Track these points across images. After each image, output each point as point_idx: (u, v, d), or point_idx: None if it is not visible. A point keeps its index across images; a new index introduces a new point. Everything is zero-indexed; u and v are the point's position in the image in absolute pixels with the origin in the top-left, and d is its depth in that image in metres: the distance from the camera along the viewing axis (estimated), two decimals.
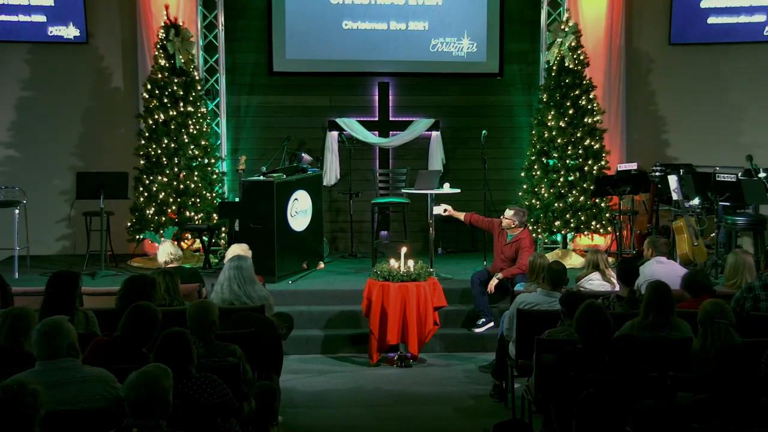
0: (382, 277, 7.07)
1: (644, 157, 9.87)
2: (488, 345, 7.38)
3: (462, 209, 8.50)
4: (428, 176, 8.70)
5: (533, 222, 9.45)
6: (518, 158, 10.17)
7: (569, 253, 9.46)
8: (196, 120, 9.39)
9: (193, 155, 9.37)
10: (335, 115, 10.20)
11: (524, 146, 10.04)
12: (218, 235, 9.45)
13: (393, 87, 10.29)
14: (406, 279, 7.02)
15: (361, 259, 9.64)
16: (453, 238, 10.30)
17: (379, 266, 7.21)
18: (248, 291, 5.85)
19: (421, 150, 10.40)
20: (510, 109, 10.31)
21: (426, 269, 7.18)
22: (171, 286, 5.71)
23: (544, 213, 9.43)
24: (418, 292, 7.02)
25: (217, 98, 10.17)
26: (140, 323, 4.28)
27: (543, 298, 5.79)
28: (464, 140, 10.24)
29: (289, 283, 8.32)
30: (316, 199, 9.06)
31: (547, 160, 9.48)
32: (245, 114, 10.22)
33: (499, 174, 10.17)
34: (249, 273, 5.93)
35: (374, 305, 7.02)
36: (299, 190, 8.71)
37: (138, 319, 4.28)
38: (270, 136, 10.16)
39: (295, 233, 8.63)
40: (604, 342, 4.35)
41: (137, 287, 5.08)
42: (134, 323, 4.28)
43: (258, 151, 10.10)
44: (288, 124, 10.18)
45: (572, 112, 9.39)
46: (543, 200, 9.45)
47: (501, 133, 10.27)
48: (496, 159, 9.96)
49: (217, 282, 5.94)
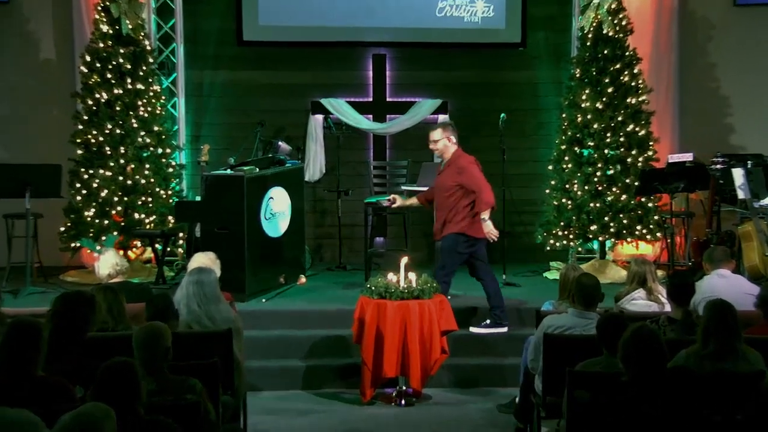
0: (378, 293, 7.04)
1: (702, 146, 9.86)
2: (509, 378, 7.37)
3: None
4: (433, 169, 8.65)
5: (563, 226, 9.44)
6: (545, 148, 10.18)
7: (608, 264, 9.47)
8: (147, 100, 9.38)
9: (144, 144, 9.36)
10: (320, 95, 10.21)
11: (552, 133, 10.04)
12: (174, 242, 9.46)
13: (391, 60, 10.30)
14: (407, 296, 7.00)
15: (351, 272, 9.63)
16: None
17: (373, 280, 7.18)
18: (211, 311, 5.82)
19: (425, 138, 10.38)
20: (534, 88, 10.32)
21: (431, 284, 7.14)
22: (114, 306, 5.67)
23: (577, 215, 9.42)
24: (422, 313, 6.99)
25: (174, 73, 10.14)
26: (23, 340, 4.24)
27: (576, 320, 5.76)
28: (478, 126, 10.24)
29: (263, 301, 8.31)
30: (297, 197, 9.06)
31: (581, 150, 9.49)
32: (209, 93, 10.22)
33: (522, 167, 10.18)
34: (212, 289, 5.89)
35: (368, 329, 6.99)
36: (276, 186, 8.70)
37: (20, 336, 4.24)
38: (239, 120, 10.16)
39: (270, 240, 8.62)
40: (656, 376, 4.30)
41: (71, 307, 5.03)
42: (16, 341, 4.23)
43: (224, 139, 10.10)
44: (261, 105, 10.18)
45: (611, 91, 9.39)
46: (576, 199, 9.43)
47: (523, 117, 10.28)
48: (517, 149, 9.97)
49: (173, 300, 5.91)
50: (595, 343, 5.13)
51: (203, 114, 10.22)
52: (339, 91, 10.22)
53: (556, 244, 9.55)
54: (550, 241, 9.56)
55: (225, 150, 9.77)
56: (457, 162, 7.70)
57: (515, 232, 10.12)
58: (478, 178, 7.62)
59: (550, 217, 9.64)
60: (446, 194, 7.69)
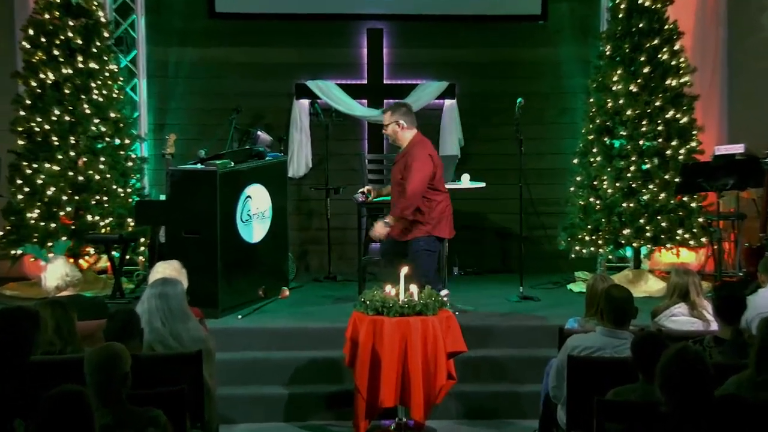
0: (373, 309, 7.03)
1: (754, 136, 9.83)
2: (528, 407, 7.39)
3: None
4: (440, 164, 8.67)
5: (590, 230, 9.46)
6: (569, 138, 10.21)
7: (644, 275, 9.49)
8: (102, 82, 9.39)
9: (99, 133, 9.37)
10: (306, 77, 10.23)
11: (578, 121, 10.06)
12: (135, 249, 9.48)
13: (389, 36, 10.33)
14: (408, 312, 6.99)
15: (342, 284, 9.63)
16: (475, 252, 10.35)
17: (368, 294, 7.16)
18: (177, 330, 5.81)
19: (429, 126, 10.39)
20: (557, 68, 10.34)
21: (437, 298, 7.13)
22: (63, 324, 5.65)
23: (607, 217, 9.42)
24: (425, 332, 6.99)
25: (134, 50, 10.14)
26: None
27: (605, 340, 5.75)
28: (491, 112, 10.25)
29: (238, 318, 8.32)
30: (279, 196, 9.09)
31: (611, 141, 9.51)
32: (175, 74, 10.24)
33: (542, 161, 10.20)
34: (179, 304, 5.88)
35: (362, 350, 6.98)
36: (254, 184, 8.72)
37: None
38: (211, 106, 10.18)
39: (247, 246, 8.65)
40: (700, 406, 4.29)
41: (11, 326, 5.00)
42: None
43: (194, 128, 10.12)
44: (237, 88, 10.19)
45: (648, 71, 9.40)
46: (605, 198, 9.44)
47: (544, 102, 10.29)
48: (536, 140, 9.98)
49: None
50: (628, 367, 5.12)
51: (168, 98, 10.23)
52: (328, 72, 10.23)
53: (582, 250, 9.55)
54: (576, 248, 9.57)
55: (194, 141, 9.78)
56: (409, 152, 7.80)
57: (534, 237, 10.14)
58: (416, 179, 7.65)
59: (575, 219, 9.65)
60: (399, 189, 7.82)
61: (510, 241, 10.28)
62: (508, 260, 10.35)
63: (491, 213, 10.42)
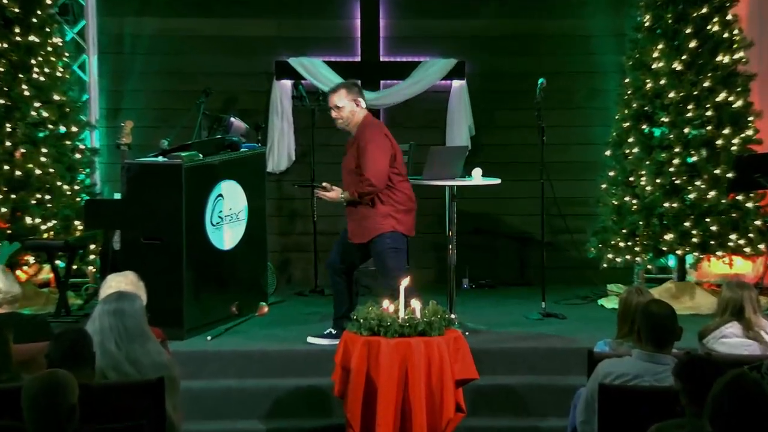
0: (368, 329, 7.01)
1: None
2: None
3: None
4: (446, 157, 8.70)
5: (626, 235, 9.45)
6: (600, 125, 10.23)
7: (690, 288, 9.49)
8: (44, 58, 9.38)
9: (40, 119, 9.37)
10: (288, 53, 10.23)
11: (611, 105, 10.07)
12: (83, 257, 9.47)
13: (386, 5, 10.34)
14: (409, 332, 6.98)
15: (330, 298, 9.55)
16: (488, 261, 10.38)
17: (362, 310, 7.14)
18: (134, 354, 5.77)
19: (433, 113, 10.43)
20: (586, 43, 10.37)
21: (443, 315, 7.12)
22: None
23: (646, 219, 9.41)
24: (430, 356, 6.97)
25: (82, 21, 10.11)
26: None
27: (643, 366, 5.72)
28: (507, 96, 10.25)
29: (208, 339, 8.32)
30: (256, 195, 9.10)
31: (651, 129, 9.51)
32: (132, 50, 10.25)
33: (567, 153, 10.22)
34: (137, 323, 5.85)
35: (354, 378, 6.97)
36: (227, 180, 8.74)
37: None
38: (175, 87, 10.19)
39: (218, 254, 8.68)
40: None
41: None
42: None
43: (154, 114, 10.13)
44: (206, 67, 10.21)
45: (695, 46, 9.41)
46: (643, 197, 9.42)
47: (570, 82, 10.32)
48: (561, 128, 10.01)
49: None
50: (671, 397, 5.10)
51: (124, 78, 10.23)
52: (314, 48, 10.23)
53: (615, 259, 9.55)
54: (608, 256, 9.57)
55: (155, 129, 9.78)
56: (362, 135, 7.95)
57: (558, 243, 10.16)
58: (377, 160, 7.83)
59: (607, 221, 9.65)
60: (350, 178, 7.97)
61: (530, 247, 10.31)
62: (527, 271, 10.38)
63: (507, 215, 10.45)
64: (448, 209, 8.60)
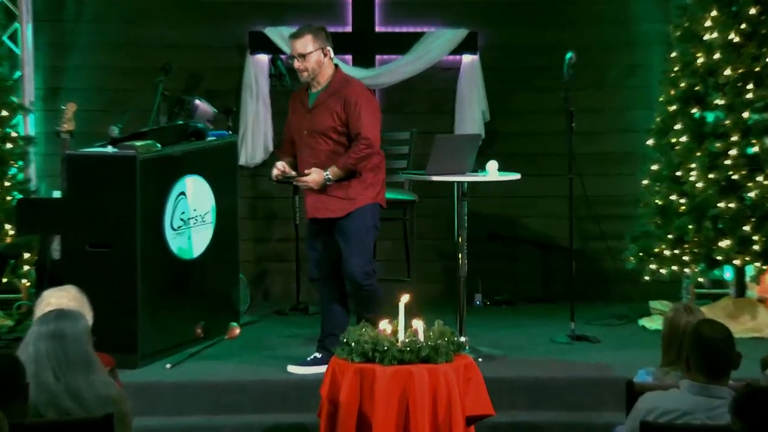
0: (360, 354, 7.01)
1: None
2: None
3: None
4: (455, 147, 8.70)
5: (672, 241, 9.44)
6: (641, 109, 10.27)
7: (750, 305, 9.49)
8: None
9: None
10: (264, 22, 10.27)
11: (654, 84, 10.07)
12: (16, 268, 9.47)
13: None
14: (410, 359, 6.97)
15: (315, 317, 9.52)
16: (506, 273, 10.43)
17: (354, 332, 7.14)
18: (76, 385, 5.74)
19: (439, 93, 10.47)
20: (623, 8, 10.41)
21: (451, 338, 7.07)
22: None
23: (696, 223, 9.38)
24: (435, 387, 6.96)
25: None
26: None
27: (694, 400, 5.69)
28: (528, 74, 10.31)
29: (167, 368, 8.32)
30: (226, 193, 9.15)
31: (702, 114, 9.50)
32: (75, 17, 10.26)
33: (601, 142, 10.29)
34: (80, 348, 5.81)
35: (344, 414, 6.97)
36: (190, 175, 8.77)
37: None
38: (128, 63, 10.24)
39: (180, 264, 8.71)
40: None
41: None
42: None
43: (102, 95, 10.17)
44: (166, 38, 10.25)
45: (756, 12, 9.38)
46: (694, 196, 9.39)
47: (605, 57, 10.37)
48: (594, 112, 10.08)
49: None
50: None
51: (66, 52, 10.25)
52: (296, 16, 10.17)
53: (660, 270, 9.54)
54: (650, 267, 9.56)
55: (103, 113, 9.81)
56: (343, 89, 8.04)
57: (590, 251, 10.23)
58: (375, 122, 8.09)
59: (649, 225, 9.65)
60: (324, 142, 8.04)
61: (556, 257, 10.36)
62: (552, 285, 10.43)
63: (529, 217, 10.50)
64: (457, 210, 8.58)
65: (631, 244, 9.70)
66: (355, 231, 8.02)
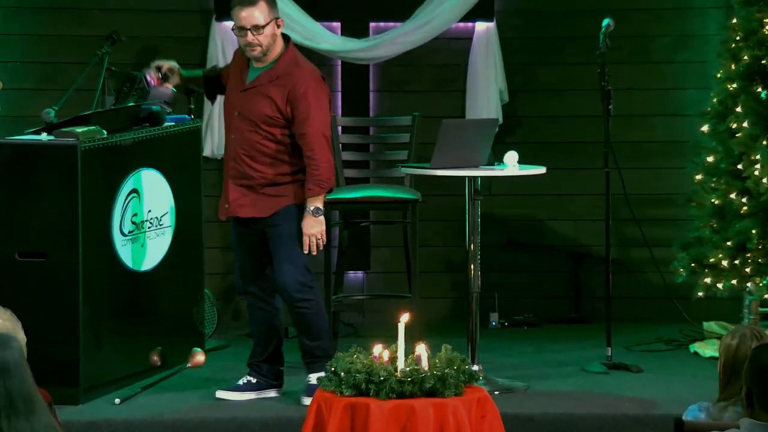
0: (352, 386, 7.00)
1: None
2: None
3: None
4: (467, 134, 8.74)
5: (731, 250, 9.46)
6: (694, 88, 10.33)
7: None
8: None
9: None
10: None
11: (710, 58, 10.11)
12: None
13: None
14: (412, 391, 6.97)
15: (294, 341, 9.51)
16: (528, 288, 10.47)
17: (343, 359, 7.15)
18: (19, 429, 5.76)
19: (448, 70, 10.54)
20: None
21: (462, 366, 7.12)
22: None
23: (761, 227, 9.42)
24: (443, 425, 6.95)
25: None
26: None
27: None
28: (555, 44, 10.38)
29: (116, 403, 8.33)
30: (188, 192, 9.19)
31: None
32: None
33: (643, 128, 10.37)
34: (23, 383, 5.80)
35: None
36: (145, 169, 8.79)
37: None
38: (65, 30, 10.29)
39: (132, 277, 8.73)
40: None
41: None
42: None
43: (35, 71, 10.25)
44: (113, 1, 10.30)
45: None
46: (759, 195, 9.42)
47: (649, 25, 10.42)
48: (635, 92, 10.13)
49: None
50: None
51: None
52: None
53: (716, 285, 9.56)
54: (705, 280, 9.59)
55: (36, 93, 9.93)
56: (290, 76, 8.07)
57: (631, 261, 10.33)
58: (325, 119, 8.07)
59: (703, 230, 9.69)
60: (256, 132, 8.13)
61: (589, 268, 10.42)
62: (584, 302, 10.45)
63: (556, 219, 10.57)
64: (468, 212, 8.61)
65: (681, 253, 9.71)
66: (288, 234, 8.06)
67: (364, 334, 8.87)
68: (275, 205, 8.06)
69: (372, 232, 10.35)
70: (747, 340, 6.45)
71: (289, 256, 8.01)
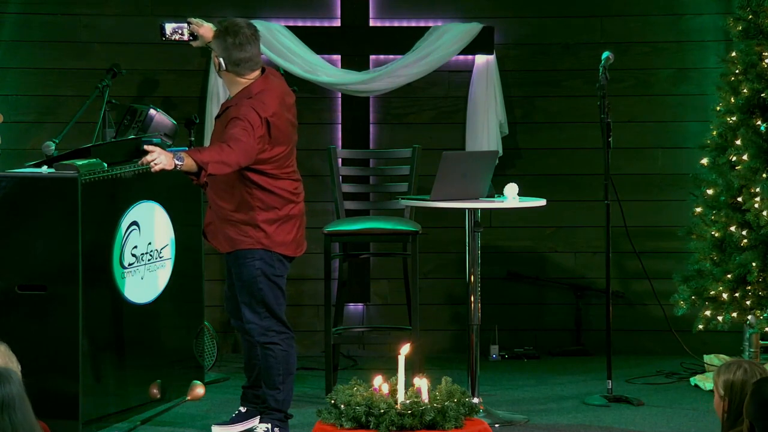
0: (351, 419, 7.00)
1: None
2: None
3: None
4: (467, 166, 8.73)
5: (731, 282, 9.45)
6: (694, 120, 10.32)
7: None
8: None
9: None
10: (233, 13, 10.17)
11: (709, 91, 10.11)
12: None
13: None
14: (413, 424, 6.95)
15: (298, 374, 9.53)
16: (528, 320, 10.45)
17: (343, 392, 7.14)
18: None
19: (449, 101, 10.51)
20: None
21: (462, 399, 7.11)
22: None
23: (762, 260, 9.41)
24: None
25: None
26: None
27: None
28: (555, 77, 10.37)
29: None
30: (188, 224, 9.19)
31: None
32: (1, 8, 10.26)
33: (643, 161, 10.35)
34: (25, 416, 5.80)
35: None
36: (145, 201, 8.79)
37: None
38: (66, 63, 10.27)
39: (132, 310, 8.70)
40: None
41: None
42: None
43: (35, 103, 10.21)
44: (112, 33, 10.28)
45: None
46: (759, 227, 9.41)
47: (648, 57, 10.41)
48: (635, 124, 10.15)
49: None
50: None
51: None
52: (271, 8, 10.36)
53: (716, 317, 9.54)
54: (705, 313, 9.57)
55: (35, 126, 9.91)
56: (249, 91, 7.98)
57: (631, 293, 10.31)
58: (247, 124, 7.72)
59: (704, 263, 9.67)
60: None
61: (589, 300, 10.40)
62: (585, 334, 10.44)
63: (556, 252, 10.55)
64: (468, 244, 8.63)
65: (682, 286, 9.68)
66: (244, 280, 7.97)
67: (364, 366, 8.85)
68: (231, 245, 7.96)
69: (372, 264, 10.32)
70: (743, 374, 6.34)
71: (248, 303, 7.91)
